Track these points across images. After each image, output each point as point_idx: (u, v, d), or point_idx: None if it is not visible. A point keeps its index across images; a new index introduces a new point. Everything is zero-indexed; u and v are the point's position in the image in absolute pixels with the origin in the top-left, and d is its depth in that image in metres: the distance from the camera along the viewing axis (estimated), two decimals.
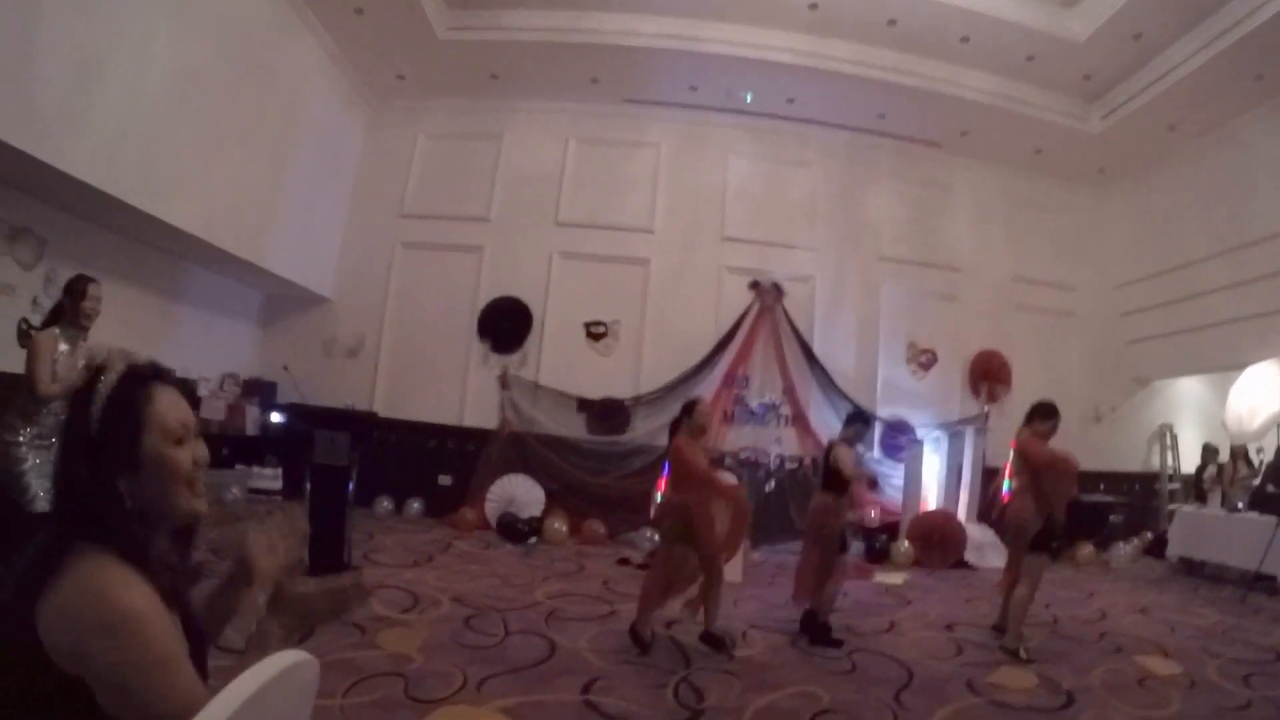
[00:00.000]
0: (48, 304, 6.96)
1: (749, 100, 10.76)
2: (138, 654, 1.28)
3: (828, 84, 10.17)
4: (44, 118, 5.87)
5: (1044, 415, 6.00)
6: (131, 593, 1.31)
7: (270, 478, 10.00)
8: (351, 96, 10.97)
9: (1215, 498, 9.99)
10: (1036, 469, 5.81)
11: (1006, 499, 6.19)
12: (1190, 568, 9.68)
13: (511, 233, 11.03)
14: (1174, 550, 9.79)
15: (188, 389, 1.57)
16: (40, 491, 4.49)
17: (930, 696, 4.54)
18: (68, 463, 1.40)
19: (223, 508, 8.94)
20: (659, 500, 6.46)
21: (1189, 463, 11.90)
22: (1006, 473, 6.10)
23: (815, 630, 5.70)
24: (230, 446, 9.79)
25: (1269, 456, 10.08)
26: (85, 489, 1.37)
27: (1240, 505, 9.21)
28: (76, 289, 5.02)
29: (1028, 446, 5.89)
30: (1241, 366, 10.12)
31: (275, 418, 10.04)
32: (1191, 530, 9.60)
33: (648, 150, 11.27)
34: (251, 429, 10.17)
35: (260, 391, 10.55)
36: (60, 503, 1.42)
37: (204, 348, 9.93)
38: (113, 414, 1.41)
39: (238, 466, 9.79)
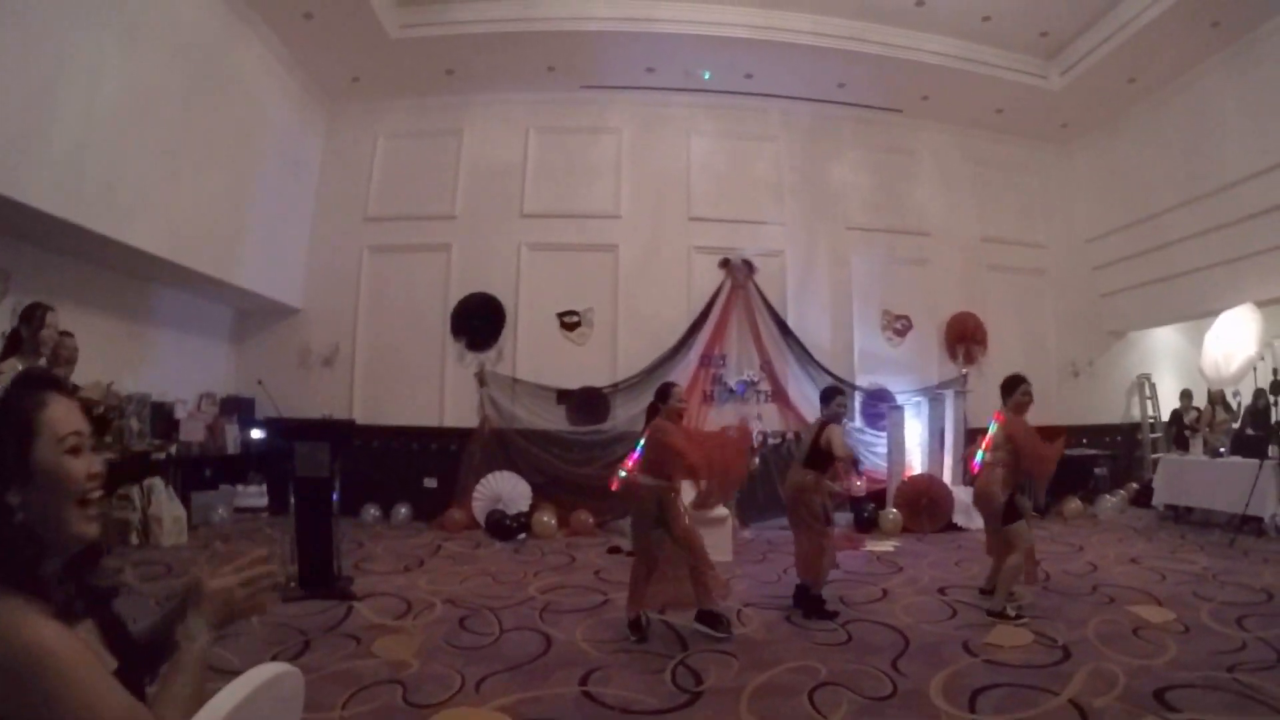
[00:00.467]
0: None
1: (707, 78, 10.73)
2: (58, 689, 1.18)
3: (785, 56, 10.14)
4: None
5: (1012, 386, 6.02)
6: (30, 627, 1.21)
7: (255, 495, 9.95)
8: (307, 102, 10.85)
9: (1197, 444, 10.07)
10: (1020, 452, 5.82)
11: (975, 470, 6.19)
12: (1177, 515, 9.78)
13: (478, 228, 10.95)
14: (1160, 499, 9.90)
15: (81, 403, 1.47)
16: None
17: (927, 661, 4.57)
18: None
19: (210, 529, 8.90)
20: (621, 477, 6.37)
21: (1169, 412, 12.00)
22: (984, 444, 6.08)
23: (809, 604, 5.72)
24: (213, 467, 9.72)
25: (1247, 400, 10.18)
26: None
27: (1222, 450, 9.31)
28: (33, 316, 4.95)
29: (1016, 433, 5.88)
30: (1214, 313, 10.16)
31: (255, 434, 9.97)
32: (1176, 478, 9.70)
33: (609, 135, 11.21)
34: (232, 447, 10.08)
35: (238, 409, 10.46)
36: None
37: (178, 369, 9.83)
38: (2, 420, 1.33)
39: (222, 486, 9.71)
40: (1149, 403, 12.41)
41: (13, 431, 1.32)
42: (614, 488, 6.92)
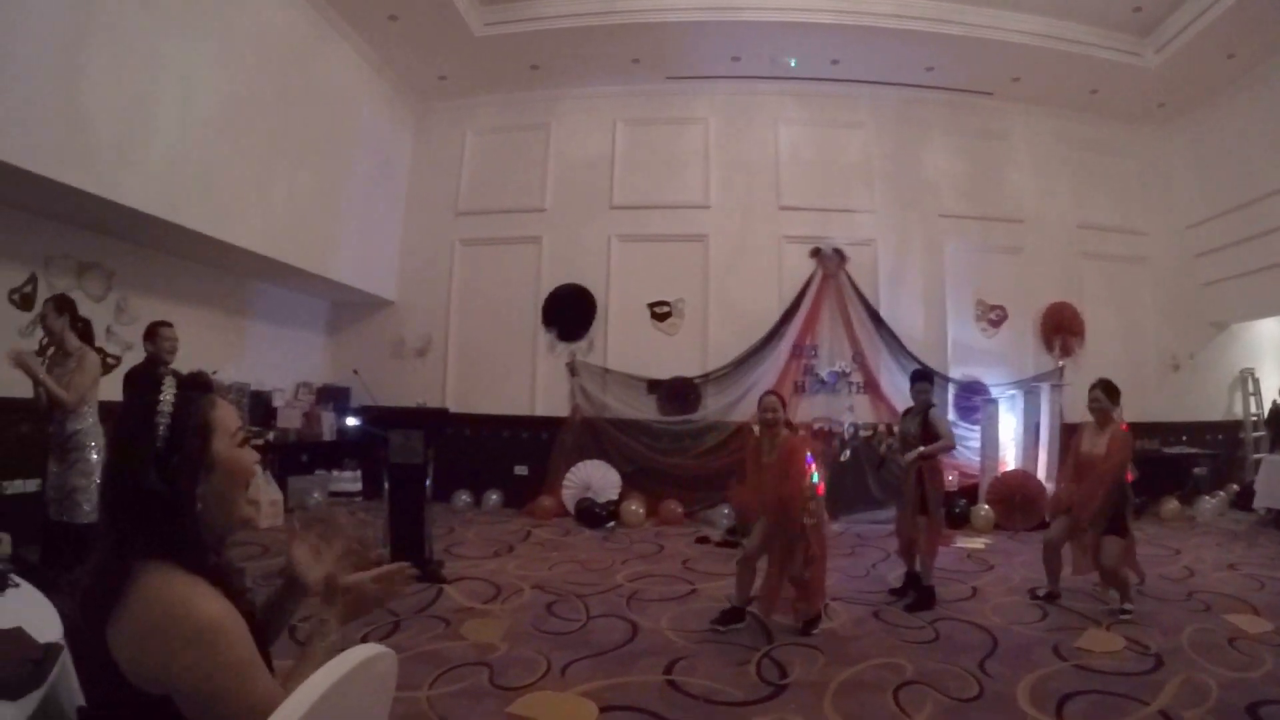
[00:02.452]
0: (120, 333, 7.33)
1: (793, 65, 10.60)
2: (224, 661, 1.33)
3: (871, 41, 9.95)
4: (101, 156, 6.09)
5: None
6: (209, 602, 1.37)
7: (350, 480, 10.26)
8: (396, 101, 11.11)
9: None
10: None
11: None
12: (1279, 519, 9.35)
13: (568, 220, 11.07)
14: (1261, 501, 9.41)
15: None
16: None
17: (1015, 663, 4.50)
18: (133, 476, 1.42)
19: (306, 512, 9.22)
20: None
21: (1270, 407, 11.45)
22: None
23: (925, 595, 5.77)
24: (309, 453, 10.08)
25: None
26: (157, 499, 1.41)
27: None
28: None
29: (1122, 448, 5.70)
30: None
31: (350, 421, 10.27)
32: (1279, 480, 9.24)
33: (696, 126, 11.19)
34: (328, 434, 10.42)
35: (334, 397, 10.80)
36: (119, 518, 1.43)
37: (276, 360, 10.25)
38: (183, 421, 1.47)
39: (317, 472, 10.05)
40: (1252, 399, 11.75)
41: (196, 430, 1.48)
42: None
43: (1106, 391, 5.74)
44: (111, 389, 5.82)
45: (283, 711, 1.26)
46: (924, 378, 6.50)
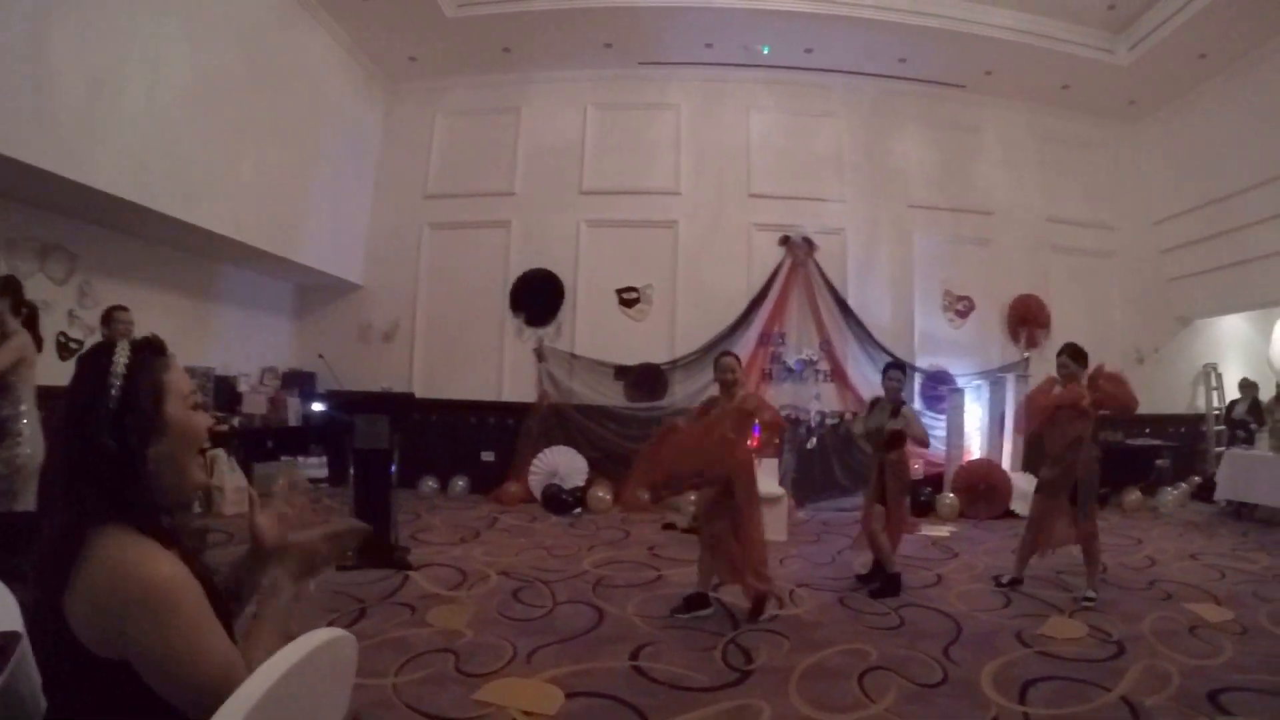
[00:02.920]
0: (83, 317, 7.19)
1: (766, 53, 10.58)
2: (177, 621, 1.32)
3: (845, 30, 9.94)
4: (65, 135, 5.94)
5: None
6: (161, 563, 1.36)
7: (316, 466, 10.13)
8: (366, 82, 10.96)
9: (1263, 439, 9.73)
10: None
11: None
12: (1240, 511, 9.50)
13: (537, 205, 11.00)
14: (1222, 493, 9.60)
15: None
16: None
17: (979, 650, 4.54)
18: (88, 438, 1.39)
19: (271, 499, 9.09)
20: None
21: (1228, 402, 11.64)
22: None
23: (891, 582, 5.81)
24: (274, 438, 9.95)
25: None
26: (110, 460, 1.39)
27: None
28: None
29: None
30: None
31: (316, 407, 10.17)
32: (1240, 473, 9.37)
33: (667, 112, 11.14)
34: (294, 420, 10.27)
35: (300, 382, 10.66)
36: (73, 481, 1.40)
37: (242, 344, 10.10)
38: (135, 383, 1.45)
39: (283, 458, 9.92)
40: (1215, 394, 11.95)
41: (149, 392, 1.47)
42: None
43: (1073, 356, 5.88)
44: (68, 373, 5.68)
45: (242, 692, 1.25)
46: (897, 368, 6.52)
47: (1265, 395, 10.55)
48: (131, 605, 1.29)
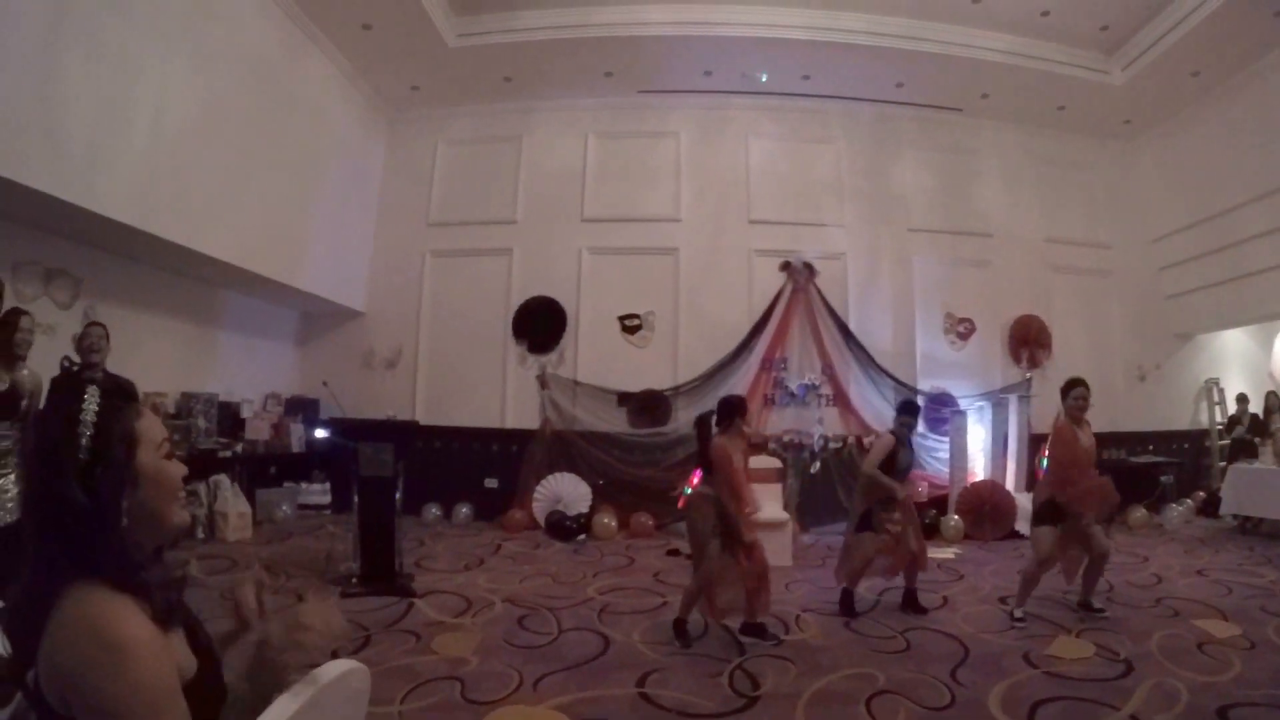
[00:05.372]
0: None
1: (764, 80, 10.65)
2: (133, 685, 1.23)
3: (842, 57, 10.05)
4: (72, 161, 6.00)
5: (1066, 391, 5.86)
6: (126, 623, 1.28)
7: (319, 493, 10.18)
8: (369, 111, 11.07)
9: (1267, 453, 9.72)
10: (1050, 459, 5.78)
11: (1039, 476, 6.11)
12: (1245, 526, 9.49)
13: (539, 233, 11.05)
14: (1228, 508, 9.56)
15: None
16: None
17: (987, 671, 4.53)
18: (56, 489, 1.32)
19: (274, 525, 9.11)
20: (686, 494, 6.20)
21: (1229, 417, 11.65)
22: (1042, 451, 6.03)
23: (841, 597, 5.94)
24: (277, 464, 9.96)
25: None
26: (80, 514, 1.31)
27: None
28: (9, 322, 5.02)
29: (1053, 440, 5.82)
30: None
31: (319, 433, 10.18)
32: (1245, 487, 9.33)
33: (667, 139, 11.23)
34: (297, 446, 10.30)
35: (303, 409, 10.68)
36: (46, 537, 1.34)
37: (245, 370, 10.14)
38: (106, 433, 1.38)
39: (286, 484, 9.94)
40: (1217, 408, 11.98)
41: (120, 442, 1.39)
42: (681, 506, 6.76)
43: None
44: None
45: None
46: (911, 413, 6.38)
47: (1254, 408, 10.67)
48: (86, 662, 1.22)
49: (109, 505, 1.34)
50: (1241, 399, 11.11)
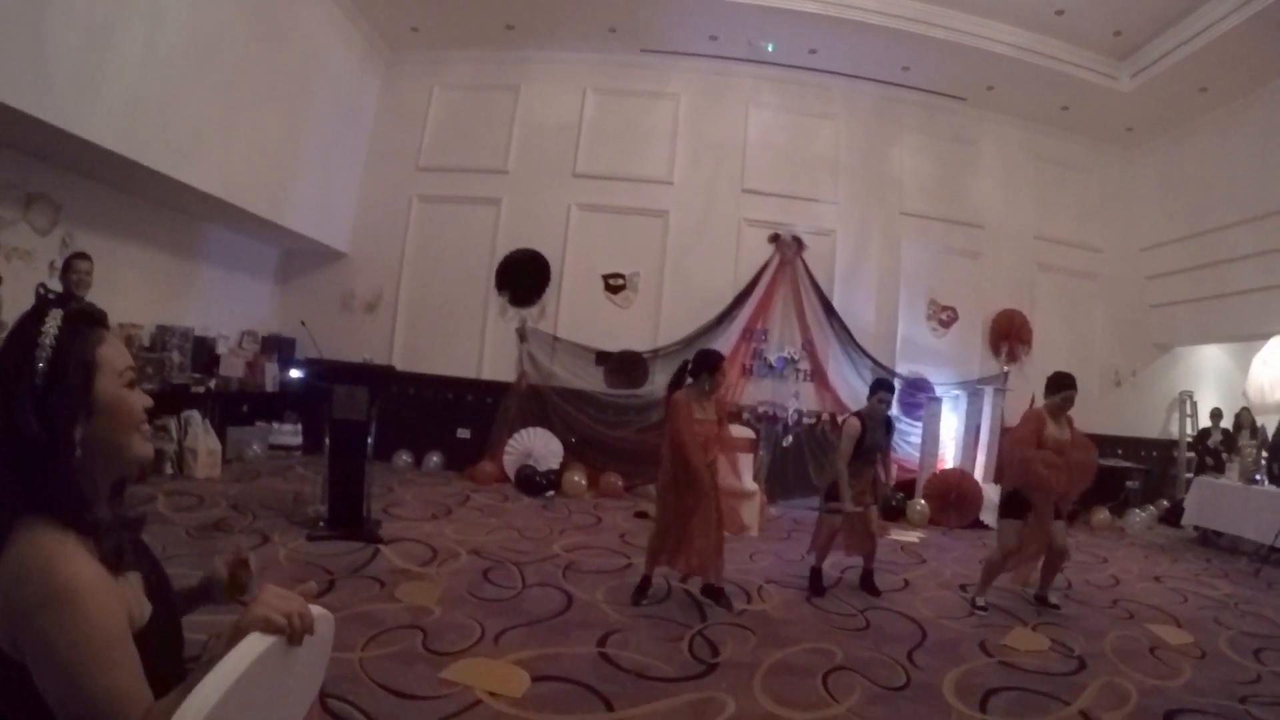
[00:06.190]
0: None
1: (771, 51, 10.56)
2: (80, 631, 1.17)
3: (851, 35, 9.95)
4: (58, 84, 5.86)
5: (1053, 387, 5.78)
6: (73, 565, 1.21)
7: (290, 434, 10.12)
8: (366, 50, 10.88)
9: (1233, 468, 9.81)
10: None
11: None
12: (1205, 537, 9.59)
13: (529, 185, 10.95)
14: (1189, 519, 9.65)
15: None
16: None
17: (943, 656, 4.57)
18: (7, 416, 1.25)
19: (244, 464, 9.05)
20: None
21: (1199, 430, 11.79)
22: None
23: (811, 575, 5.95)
24: (250, 403, 9.88)
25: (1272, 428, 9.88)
26: (32, 442, 1.25)
27: (1259, 478, 9.05)
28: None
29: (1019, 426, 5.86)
30: (1266, 337, 9.93)
31: (294, 374, 10.10)
32: (1208, 500, 9.42)
33: (667, 101, 11.12)
34: (271, 385, 10.22)
35: (279, 348, 10.58)
36: None
37: (223, 306, 10.02)
38: (64, 358, 1.30)
39: (258, 423, 9.87)
40: (1189, 420, 12.10)
41: (78, 368, 1.32)
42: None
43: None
44: None
45: (220, 668, 1.17)
46: (888, 389, 6.31)
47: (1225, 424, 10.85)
48: (32, 606, 1.16)
49: (61, 434, 1.27)
50: (1216, 414, 11.21)
